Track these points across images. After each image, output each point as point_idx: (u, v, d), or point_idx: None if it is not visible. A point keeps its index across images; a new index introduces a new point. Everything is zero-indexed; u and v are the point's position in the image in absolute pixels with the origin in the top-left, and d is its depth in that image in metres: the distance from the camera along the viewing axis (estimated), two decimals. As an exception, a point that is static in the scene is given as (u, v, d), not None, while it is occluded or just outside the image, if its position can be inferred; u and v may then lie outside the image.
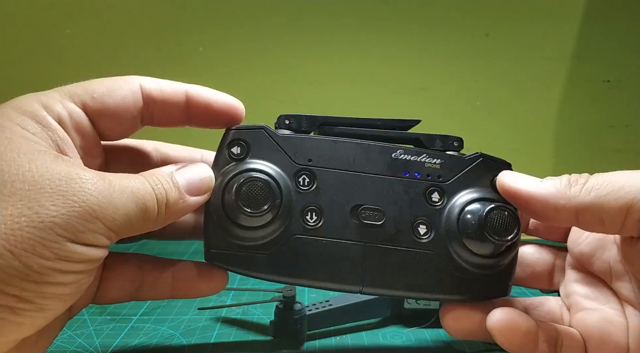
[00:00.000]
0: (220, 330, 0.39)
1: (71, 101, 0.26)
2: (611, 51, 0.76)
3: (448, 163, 0.29)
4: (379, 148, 0.29)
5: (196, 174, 0.27)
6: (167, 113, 0.29)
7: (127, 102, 0.27)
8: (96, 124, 0.27)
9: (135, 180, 0.24)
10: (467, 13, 0.74)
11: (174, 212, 0.26)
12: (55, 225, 0.21)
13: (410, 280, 0.29)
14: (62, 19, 0.72)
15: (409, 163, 0.29)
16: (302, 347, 0.37)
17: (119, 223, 0.23)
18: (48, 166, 0.22)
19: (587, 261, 0.31)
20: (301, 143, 0.29)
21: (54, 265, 0.21)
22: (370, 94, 0.75)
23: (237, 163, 0.28)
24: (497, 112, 0.76)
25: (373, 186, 0.29)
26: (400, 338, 0.39)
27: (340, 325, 0.40)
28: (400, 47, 0.75)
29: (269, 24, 0.73)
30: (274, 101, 0.73)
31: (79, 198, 0.22)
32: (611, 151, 0.78)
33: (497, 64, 0.75)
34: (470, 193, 0.29)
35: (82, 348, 0.36)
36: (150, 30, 0.72)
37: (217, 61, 0.72)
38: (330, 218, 0.28)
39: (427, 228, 0.29)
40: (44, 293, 0.22)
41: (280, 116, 0.29)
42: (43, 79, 0.73)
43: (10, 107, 0.24)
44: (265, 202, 0.26)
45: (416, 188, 0.29)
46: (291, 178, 0.28)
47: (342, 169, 0.29)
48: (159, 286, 0.30)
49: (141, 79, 0.28)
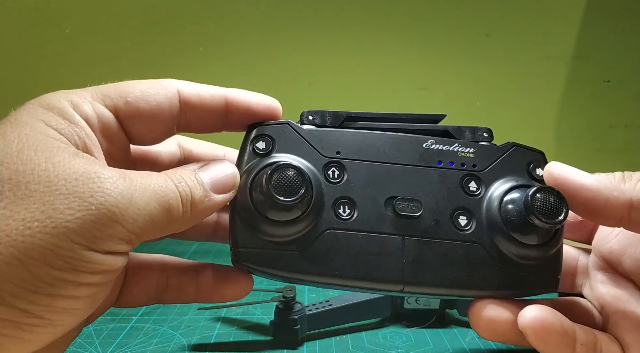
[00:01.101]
0: (220, 330, 0.39)
1: (102, 104, 0.25)
2: (611, 51, 0.76)
3: (481, 152, 0.29)
4: (409, 138, 0.28)
5: (220, 172, 0.25)
6: (204, 120, 0.27)
7: (162, 108, 0.26)
8: (127, 129, 0.26)
9: (157, 178, 0.23)
10: (468, 13, 0.74)
11: (199, 211, 0.24)
12: (69, 231, 0.19)
13: (454, 275, 0.26)
14: (62, 19, 0.72)
15: (441, 152, 0.28)
16: (302, 347, 0.37)
17: (141, 225, 0.21)
18: (66, 164, 0.21)
19: (616, 260, 0.30)
20: (328, 135, 0.28)
21: (67, 276, 0.20)
22: (371, 94, 0.75)
23: (263, 158, 0.27)
24: (497, 112, 0.76)
25: (406, 177, 0.28)
26: (400, 338, 0.38)
27: (340, 325, 0.40)
28: (400, 47, 0.75)
29: (269, 25, 0.73)
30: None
31: (96, 199, 0.20)
32: (611, 151, 0.78)
33: (497, 64, 0.75)
34: (509, 181, 0.28)
35: (82, 348, 0.36)
36: (150, 30, 0.72)
37: (217, 61, 0.72)
38: (364, 210, 0.27)
39: (467, 218, 0.27)
40: (55, 307, 0.20)
41: (304, 112, 0.28)
42: (43, 79, 0.73)
43: (37, 103, 0.23)
44: (299, 189, 0.25)
45: (452, 178, 0.28)
46: (320, 170, 0.27)
47: (372, 161, 0.27)
48: (184, 290, 0.29)
49: (179, 84, 0.26)
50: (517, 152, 0.29)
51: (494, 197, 0.28)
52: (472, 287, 0.27)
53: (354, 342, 0.38)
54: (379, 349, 0.37)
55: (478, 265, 0.27)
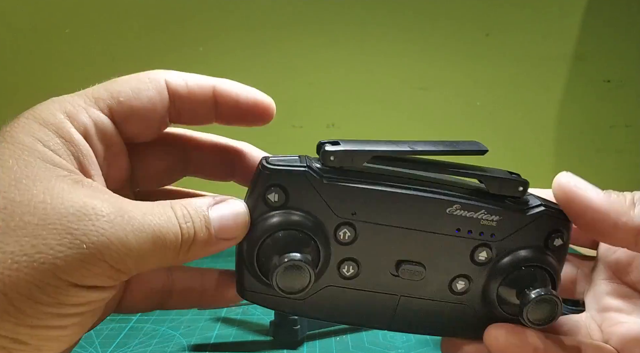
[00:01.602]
0: (220, 330, 0.39)
1: (97, 108, 0.24)
2: (612, 51, 0.76)
3: (506, 221, 0.26)
4: (434, 202, 0.26)
5: (231, 214, 0.24)
6: (194, 110, 0.26)
7: (154, 103, 0.25)
8: (122, 129, 0.25)
9: (161, 215, 0.22)
10: (468, 13, 0.74)
11: (196, 254, 0.23)
12: (56, 267, 0.19)
13: (437, 324, 0.28)
14: (62, 19, 0.72)
15: (463, 219, 0.26)
16: (302, 347, 0.37)
17: (130, 265, 0.21)
18: (64, 197, 0.20)
19: (623, 270, 0.29)
20: (346, 192, 0.25)
21: (52, 309, 0.20)
22: (371, 93, 0.75)
23: (274, 212, 0.25)
24: (497, 112, 0.76)
25: (418, 242, 0.26)
26: (400, 338, 0.38)
27: (340, 325, 0.40)
28: (400, 47, 0.75)
29: (269, 24, 0.73)
30: (274, 101, 0.73)
31: (89, 238, 0.20)
32: (611, 151, 0.78)
33: (497, 64, 0.75)
34: (519, 256, 0.27)
35: (82, 348, 0.36)
36: (150, 30, 0.72)
37: (217, 60, 0.72)
38: (368, 270, 0.27)
39: (465, 284, 0.27)
40: (40, 335, 0.20)
41: (324, 151, 0.25)
42: (43, 79, 0.73)
43: (32, 117, 0.22)
44: (306, 284, 0.24)
45: (464, 246, 0.26)
46: (331, 229, 0.26)
47: (388, 225, 0.26)
48: (188, 296, 0.29)
49: (166, 74, 0.26)
50: (544, 219, 0.27)
51: (499, 270, 0.27)
52: (451, 333, 0.29)
53: (354, 342, 0.38)
54: (379, 349, 0.37)
55: (461, 318, 0.28)
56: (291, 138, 0.72)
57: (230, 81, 0.27)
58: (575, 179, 0.26)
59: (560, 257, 0.27)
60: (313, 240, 0.25)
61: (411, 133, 0.76)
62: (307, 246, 0.25)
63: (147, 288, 0.28)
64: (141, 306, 0.28)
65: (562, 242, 0.27)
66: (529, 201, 0.27)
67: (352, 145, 0.25)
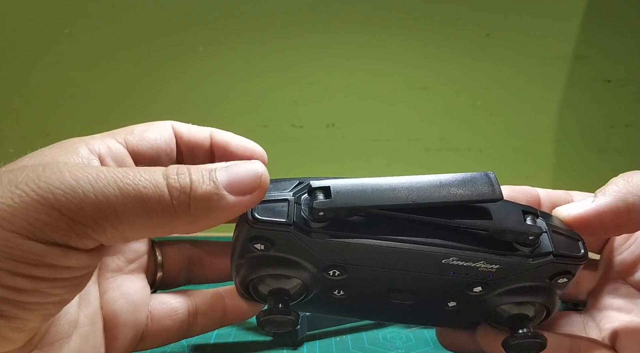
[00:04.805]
0: (220, 330, 0.39)
1: (112, 138, 0.26)
2: (612, 51, 0.76)
3: (506, 269, 0.25)
4: (429, 254, 0.24)
5: (242, 170, 0.22)
6: (193, 152, 0.29)
7: (164, 137, 0.28)
8: (136, 159, 0.27)
9: (137, 171, 0.20)
10: (468, 13, 0.74)
11: (206, 208, 0.21)
12: (1, 218, 0.18)
13: (429, 318, 0.30)
14: (61, 19, 0.72)
15: (459, 267, 0.24)
16: (302, 347, 0.37)
17: (93, 215, 0.19)
18: (61, 157, 0.21)
19: (628, 270, 0.29)
20: (336, 247, 0.24)
21: (4, 265, 0.18)
22: (371, 93, 0.75)
23: (261, 257, 0.25)
24: (497, 112, 0.76)
25: (410, 280, 0.26)
26: (400, 338, 0.38)
27: (340, 325, 0.40)
28: (400, 47, 0.75)
29: (269, 24, 0.73)
30: (274, 101, 0.73)
31: (37, 185, 0.19)
32: (612, 151, 0.78)
33: (498, 64, 0.75)
34: (516, 289, 0.26)
35: (81, 348, 0.36)
36: (150, 30, 0.72)
37: (217, 61, 0.72)
38: (357, 296, 0.27)
39: (457, 305, 0.27)
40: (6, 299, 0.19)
41: (312, 208, 0.23)
42: (43, 79, 0.73)
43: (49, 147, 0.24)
44: (289, 327, 0.25)
45: (458, 281, 0.25)
46: (320, 270, 0.25)
47: (379, 268, 0.25)
48: (211, 320, 0.29)
49: (172, 122, 0.29)
50: (551, 266, 0.25)
51: (492, 300, 0.26)
52: (443, 324, 0.31)
53: (354, 342, 0.38)
54: (379, 349, 0.37)
55: (456, 318, 0.29)
56: (291, 138, 0.72)
57: (225, 131, 0.29)
58: (569, 207, 0.27)
59: (562, 289, 0.27)
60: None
61: (411, 132, 0.76)
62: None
63: (169, 327, 0.28)
64: (163, 343, 0.29)
65: (567, 281, 0.26)
66: (540, 243, 0.25)
67: (343, 197, 0.23)
